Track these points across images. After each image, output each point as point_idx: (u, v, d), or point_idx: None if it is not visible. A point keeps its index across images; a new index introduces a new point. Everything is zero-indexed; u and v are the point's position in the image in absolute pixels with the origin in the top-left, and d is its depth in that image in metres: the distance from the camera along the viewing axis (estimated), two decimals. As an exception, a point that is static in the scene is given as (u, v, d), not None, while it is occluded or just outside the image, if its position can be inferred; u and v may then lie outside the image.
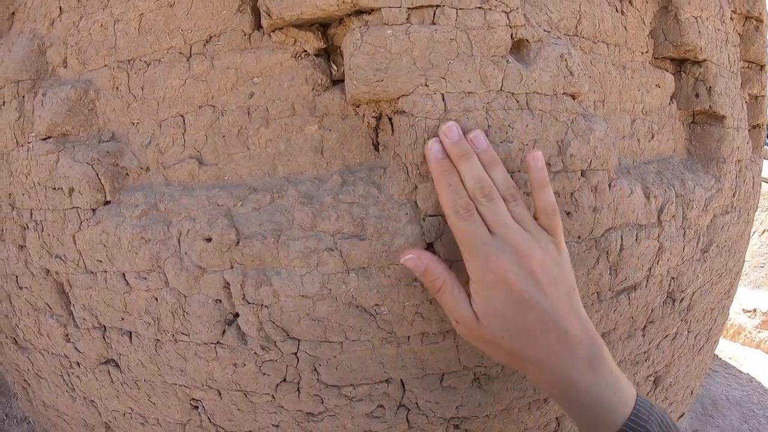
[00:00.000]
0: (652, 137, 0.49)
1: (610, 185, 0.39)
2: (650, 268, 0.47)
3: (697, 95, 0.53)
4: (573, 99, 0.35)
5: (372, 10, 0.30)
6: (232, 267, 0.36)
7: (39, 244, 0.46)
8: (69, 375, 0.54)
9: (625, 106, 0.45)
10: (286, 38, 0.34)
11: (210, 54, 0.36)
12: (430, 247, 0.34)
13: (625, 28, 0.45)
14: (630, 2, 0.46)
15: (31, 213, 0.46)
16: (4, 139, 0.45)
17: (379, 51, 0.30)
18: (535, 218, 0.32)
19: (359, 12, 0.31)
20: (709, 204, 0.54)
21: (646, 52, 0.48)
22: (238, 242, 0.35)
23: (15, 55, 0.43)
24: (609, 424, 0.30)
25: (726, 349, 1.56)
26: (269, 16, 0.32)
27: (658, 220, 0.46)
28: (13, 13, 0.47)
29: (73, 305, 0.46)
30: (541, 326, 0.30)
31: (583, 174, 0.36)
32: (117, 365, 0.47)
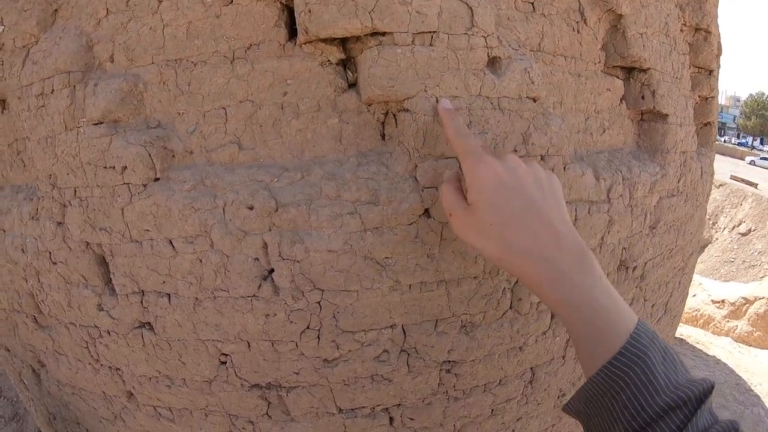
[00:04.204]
0: (604, 132, 0.67)
1: (564, 168, 0.57)
2: (602, 237, 0.65)
3: (642, 97, 0.73)
4: (534, 101, 0.53)
5: (385, 33, 0.46)
6: (270, 230, 0.50)
7: (82, 219, 0.58)
8: (95, 345, 0.67)
9: (579, 106, 0.63)
10: (315, 50, 0.50)
11: (251, 59, 0.51)
12: (426, 212, 0.50)
13: (580, 43, 0.64)
14: (585, 22, 0.64)
15: (75, 191, 0.58)
16: (52, 124, 0.57)
17: (392, 64, 0.46)
18: None
19: (374, 33, 0.47)
20: (654, 187, 0.73)
21: (599, 62, 0.67)
22: (276, 209, 0.49)
23: (64, 49, 0.56)
24: (608, 345, 0.31)
25: (694, 335, 1.83)
26: (306, 33, 0.47)
27: (608, 198, 0.64)
28: (56, 10, 0.59)
29: (113, 273, 0.59)
30: (527, 213, 0.35)
31: (542, 158, 0.53)
32: (151, 328, 0.61)
